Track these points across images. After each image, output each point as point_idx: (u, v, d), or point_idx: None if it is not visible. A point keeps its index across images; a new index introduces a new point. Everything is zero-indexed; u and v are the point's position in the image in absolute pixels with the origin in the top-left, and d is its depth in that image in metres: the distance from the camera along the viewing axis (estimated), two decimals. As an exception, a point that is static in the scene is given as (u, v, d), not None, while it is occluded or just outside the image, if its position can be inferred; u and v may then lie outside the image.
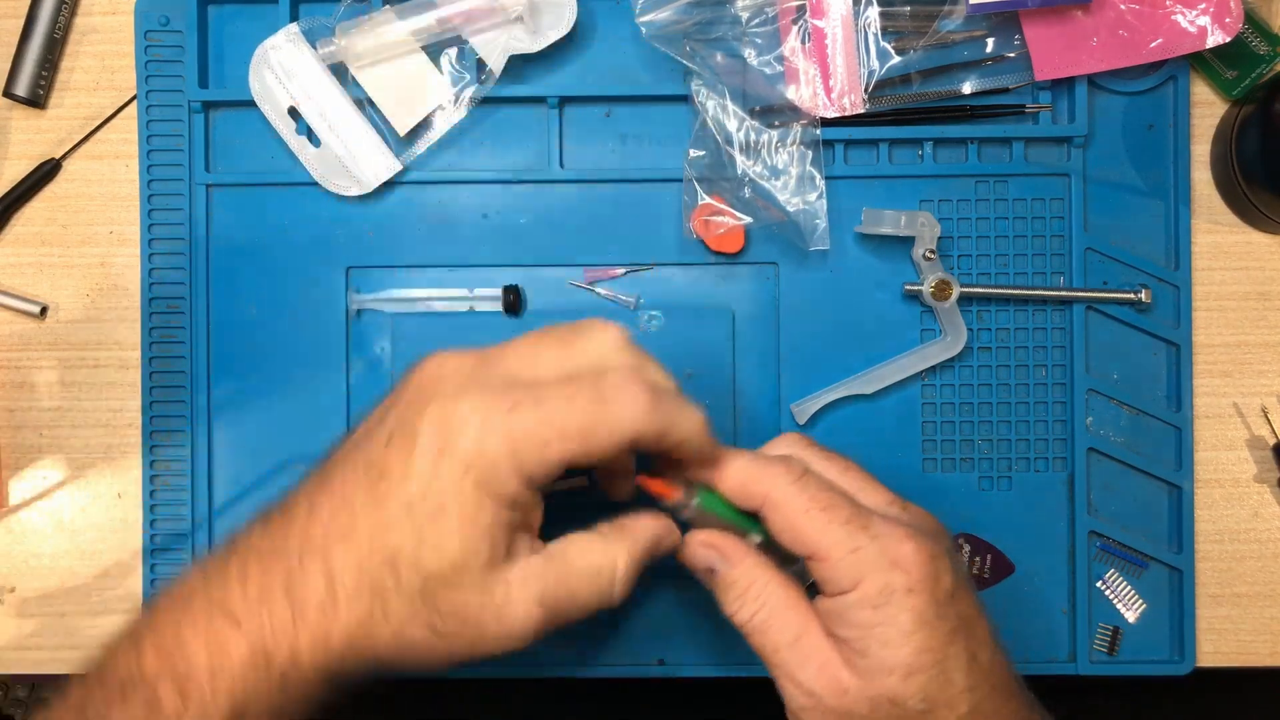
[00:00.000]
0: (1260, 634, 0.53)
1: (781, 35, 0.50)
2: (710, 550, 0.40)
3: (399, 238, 0.52)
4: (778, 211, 0.50)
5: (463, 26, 0.50)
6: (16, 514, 0.53)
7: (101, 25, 0.54)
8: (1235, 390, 0.53)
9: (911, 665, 0.37)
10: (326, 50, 0.51)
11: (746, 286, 0.52)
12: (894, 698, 0.37)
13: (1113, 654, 0.52)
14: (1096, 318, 0.52)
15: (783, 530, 0.38)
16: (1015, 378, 0.52)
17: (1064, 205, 0.52)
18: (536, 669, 0.52)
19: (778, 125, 0.50)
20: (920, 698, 0.37)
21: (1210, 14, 0.49)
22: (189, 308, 0.52)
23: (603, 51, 0.52)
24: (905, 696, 0.37)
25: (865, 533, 0.37)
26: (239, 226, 0.52)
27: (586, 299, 0.52)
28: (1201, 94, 0.53)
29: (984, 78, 0.51)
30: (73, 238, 0.53)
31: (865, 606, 0.37)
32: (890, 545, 0.37)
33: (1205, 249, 0.53)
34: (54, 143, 0.54)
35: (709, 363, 0.52)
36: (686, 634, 0.52)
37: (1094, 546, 0.52)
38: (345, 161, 0.51)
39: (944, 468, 0.52)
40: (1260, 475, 0.53)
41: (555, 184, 0.52)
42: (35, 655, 0.53)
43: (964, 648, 0.37)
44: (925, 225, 0.50)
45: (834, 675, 0.38)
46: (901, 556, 0.37)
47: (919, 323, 0.52)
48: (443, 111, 0.51)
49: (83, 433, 0.53)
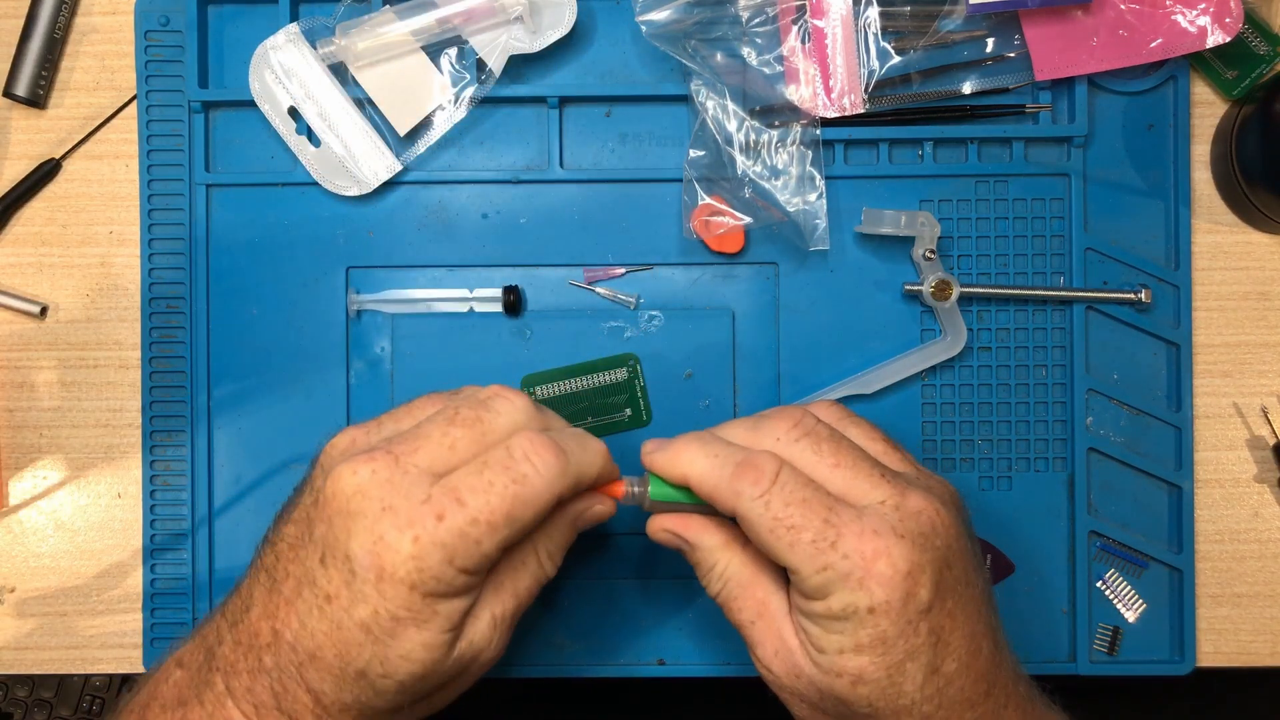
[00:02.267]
0: (1260, 634, 0.53)
1: (781, 35, 0.50)
2: (670, 535, 0.41)
3: (399, 238, 0.52)
4: (778, 211, 0.50)
5: (463, 26, 0.50)
6: (16, 514, 0.53)
7: (101, 25, 0.54)
8: (1235, 390, 0.53)
9: (859, 676, 0.37)
10: (326, 50, 0.51)
11: (746, 286, 0.52)
12: (841, 698, 0.38)
13: (1113, 654, 0.52)
14: (1096, 318, 0.52)
15: (755, 540, 0.38)
16: (1015, 378, 0.52)
17: (1064, 205, 0.52)
18: (536, 669, 0.52)
19: (778, 125, 0.50)
20: (866, 704, 0.37)
21: (1210, 14, 0.49)
22: (189, 308, 0.52)
23: (603, 51, 0.52)
24: (851, 700, 0.38)
25: (834, 550, 0.36)
26: (239, 226, 0.52)
27: (587, 299, 0.52)
28: (1201, 94, 0.53)
29: (984, 78, 0.51)
30: (73, 238, 0.53)
31: (828, 617, 0.37)
32: (860, 563, 0.36)
33: (1205, 249, 0.53)
34: (54, 143, 0.54)
35: (709, 363, 0.52)
36: (686, 634, 0.52)
37: (1094, 546, 0.52)
38: (345, 161, 0.51)
39: (944, 468, 0.52)
40: (1260, 475, 0.53)
41: (555, 184, 0.52)
42: (35, 655, 0.53)
43: (924, 662, 0.37)
44: (925, 225, 0.50)
45: (789, 659, 0.39)
46: (871, 575, 0.36)
47: (919, 323, 0.52)
48: (443, 111, 0.51)
49: (82, 433, 0.53)
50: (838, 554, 0.36)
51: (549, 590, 0.52)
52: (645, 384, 0.52)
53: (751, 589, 0.40)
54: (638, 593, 0.52)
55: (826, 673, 0.38)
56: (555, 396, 0.52)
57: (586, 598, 0.52)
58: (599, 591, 0.52)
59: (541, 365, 0.52)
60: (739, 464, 0.38)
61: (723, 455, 0.39)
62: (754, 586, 0.40)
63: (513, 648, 0.51)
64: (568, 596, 0.52)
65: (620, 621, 0.52)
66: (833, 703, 0.38)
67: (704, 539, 0.41)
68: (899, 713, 0.38)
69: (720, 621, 0.51)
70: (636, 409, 0.52)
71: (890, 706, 0.37)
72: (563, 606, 0.52)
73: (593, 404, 0.52)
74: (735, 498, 0.38)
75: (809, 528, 0.37)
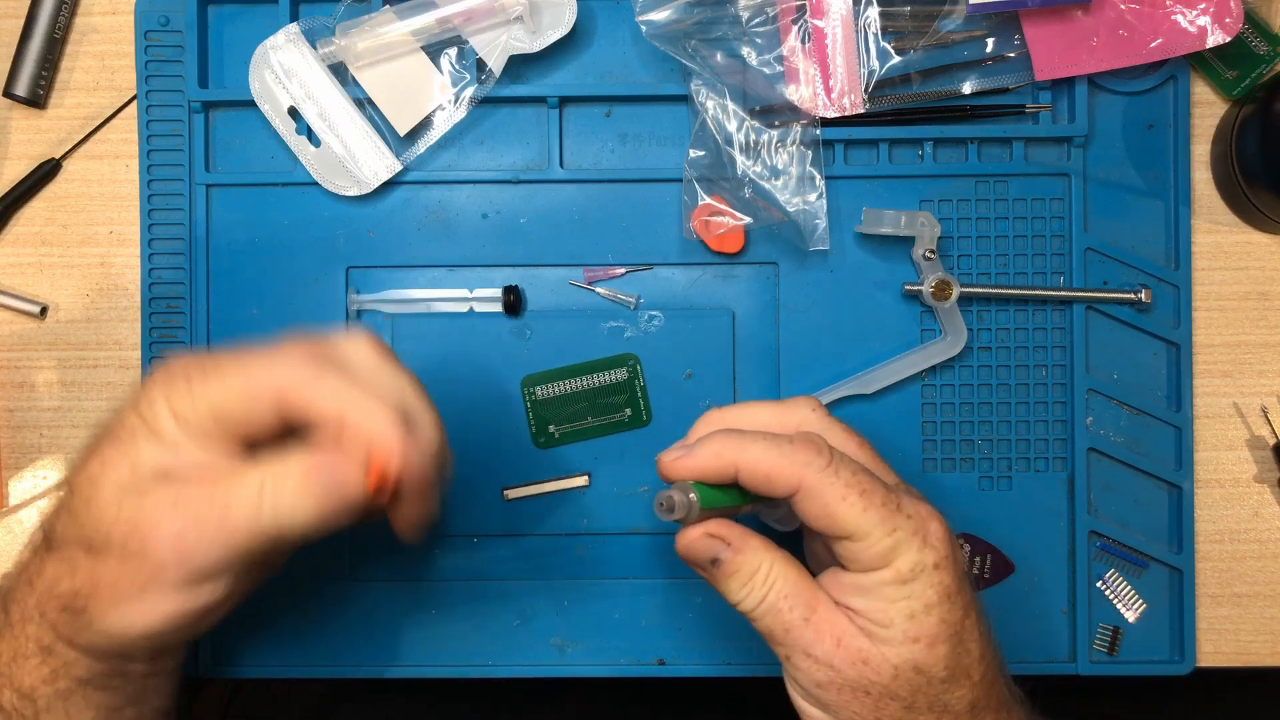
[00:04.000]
0: (1260, 634, 0.53)
1: (781, 35, 0.50)
2: (715, 541, 0.39)
3: (399, 238, 0.52)
4: (778, 211, 0.50)
5: (463, 26, 0.50)
6: (16, 514, 0.53)
7: (101, 25, 0.54)
8: (1235, 390, 0.53)
9: (936, 635, 0.38)
10: (326, 50, 0.51)
11: (746, 286, 0.52)
12: (919, 665, 0.38)
13: (1113, 654, 0.52)
14: (1096, 318, 0.52)
15: (817, 516, 0.38)
16: (1015, 378, 0.52)
17: (1064, 205, 0.52)
18: (537, 669, 0.52)
19: (778, 125, 0.50)
20: (943, 665, 0.38)
21: (1210, 14, 0.49)
22: (189, 308, 0.52)
23: (603, 51, 0.52)
24: (930, 664, 0.38)
25: (900, 513, 0.38)
26: (239, 226, 0.52)
27: (587, 299, 0.52)
28: (1201, 94, 0.53)
29: (984, 78, 0.51)
30: (73, 238, 0.53)
31: (895, 583, 0.38)
32: (920, 524, 0.38)
33: (1205, 249, 0.53)
34: (54, 143, 0.54)
35: (709, 363, 0.52)
36: (686, 634, 0.52)
37: (1094, 546, 0.52)
38: (345, 161, 0.51)
39: (944, 468, 0.52)
40: (1260, 475, 0.53)
41: (555, 184, 0.52)
42: (35, 655, 0.53)
43: (976, 620, 0.39)
44: (925, 225, 0.50)
45: (853, 647, 0.38)
46: (930, 534, 0.38)
47: (919, 323, 0.52)
48: (443, 111, 0.51)
49: (83, 433, 0.53)
50: (903, 515, 0.38)
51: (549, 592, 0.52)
52: (645, 384, 0.52)
53: (801, 585, 0.39)
54: (638, 593, 0.52)
55: (901, 644, 0.38)
56: (555, 396, 0.52)
57: (587, 598, 0.52)
58: (599, 591, 0.52)
59: (541, 365, 0.52)
60: (794, 441, 0.39)
61: (769, 438, 0.39)
62: (802, 582, 0.39)
63: (514, 648, 0.52)
64: (568, 596, 0.52)
65: (620, 621, 0.52)
66: (908, 676, 0.38)
67: (749, 540, 0.40)
68: (969, 670, 0.39)
69: (720, 622, 0.51)
70: (636, 409, 0.52)
71: (962, 664, 0.38)
72: (563, 606, 0.52)
73: (593, 404, 0.52)
74: (803, 468, 0.38)
75: (878, 491, 0.38)
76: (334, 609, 0.52)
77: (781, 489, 0.38)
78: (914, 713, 0.38)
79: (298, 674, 0.52)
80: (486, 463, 0.52)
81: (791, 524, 0.43)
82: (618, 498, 0.52)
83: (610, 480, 0.52)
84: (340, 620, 0.52)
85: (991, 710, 0.40)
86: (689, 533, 0.40)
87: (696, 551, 0.40)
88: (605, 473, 0.52)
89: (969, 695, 0.39)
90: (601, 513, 0.52)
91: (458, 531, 0.52)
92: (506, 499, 0.52)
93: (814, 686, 0.39)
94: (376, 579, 0.52)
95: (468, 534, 0.52)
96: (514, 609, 0.52)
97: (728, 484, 0.39)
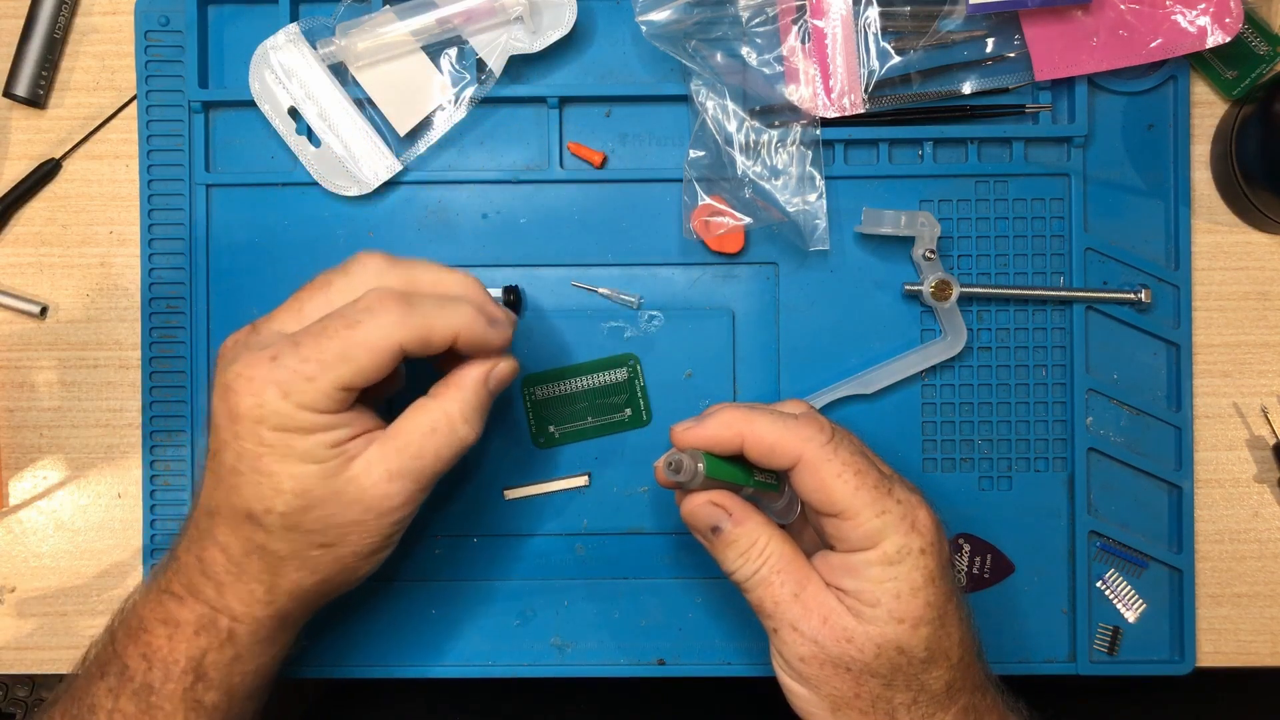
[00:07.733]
0: (1260, 634, 0.53)
1: (781, 35, 0.50)
2: (718, 509, 0.42)
3: (399, 238, 0.52)
4: (778, 212, 0.50)
5: (463, 26, 0.50)
6: (16, 514, 0.53)
7: (101, 25, 0.54)
8: (1235, 390, 0.53)
9: (920, 617, 0.39)
10: (326, 50, 0.51)
11: (746, 286, 0.52)
12: (902, 645, 0.39)
13: (1113, 654, 0.52)
14: (1096, 318, 0.52)
15: (813, 490, 0.40)
16: (1015, 378, 0.52)
17: (1064, 205, 0.52)
18: (537, 669, 0.52)
19: (778, 125, 0.50)
20: (924, 646, 0.40)
21: (1210, 14, 0.49)
22: (189, 308, 0.52)
23: (603, 51, 0.52)
24: (912, 644, 0.39)
25: (890, 497, 0.40)
26: (239, 226, 0.52)
27: (587, 299, 0.52)
28: (1201, 94, 0.53)
29: (984, 78, 0.51)
30: (73, 238, 0.53)
31: (882, 563, 0.39)
32: (909, 510, 0.40)
33: (1205, 249, 0.53)
34: (54, 143, 0.54)
35: (709, 363, 0.52)
36: (686, 634, 0.52)
37: (1094, 546, 0.52)
38: (345, 161, 0.51)
39: (944, 468, 0.52)
40: (1260, 475, 0.53)
41: (555, 184, 0.52)
42: (35, 655, 0.53)
43: (958, 605, 0.41)
44: (925, 225, 0.50)
45: (838, 624, 0.40)
46: (918, 520, 0.40)
47: (919, 323, 0.52)
48: (443, 111, 0.51)
49: (82, 433, 0.53)
50: (893, 500, 0.40)
51: (549, 592, 0.52)
52: (645, 384, 0.52)
53: (793, 561, 0.41)
54: (638, 593, 0.52)
55: (886, 623, 0.39)
56: (555, 397, 0.52)
57: (587, 598, 0.52)
58: (599, 591, 0.52)
59: (541, 365, 0.52)
60: (799, 417, 0.41)
61: (776, 414, 0.41)
62: (795, 559, 0.41)
63: (514, 648, 0.52)
64: (568, 596, 0.52)
65: (620, 621, 0.52)
66: (890, 655, 0.40)
67: (750, 514, 0.42)
68: (948, 652, 0.40)
69: (720, 621, 0.51)
70: (636, 409, 0.52)
71: (942, 647, 0.40)
72: (563, 606, 0.52)
73: (593, 404, 0.52)
74: (804, 443, 0.40)
75: (872, 474, 0.40)
76: (334, 609, 0.52)
77: (783, 461, 0.40)
78: (892, 690, 0.40)
79: (298, 674, 0.52)
80: (486, 463, 0.52)
81: (790, 516, 0.45)
82: (618, 498, 0.52)
83: (610, 480, 0.52)
84: (340, 620, 0.52)
85: (967, 692, 0.41)
86: (695, 498, 0.42)
87: (699, 517, 0.42)
88: (605, 473, 0.52)
89: (946, 676, 0.40)
90: (601, 513, 0.52)
91: (458, 531, 0.52)
92: (506, 499, 0.52)
93: (798, 661, 0.40)
94: (376, 579, 0.52)
95: (468, 534, 0.52)
96: (514, 609, 0.52)
97: (734, 457, 0.41)
